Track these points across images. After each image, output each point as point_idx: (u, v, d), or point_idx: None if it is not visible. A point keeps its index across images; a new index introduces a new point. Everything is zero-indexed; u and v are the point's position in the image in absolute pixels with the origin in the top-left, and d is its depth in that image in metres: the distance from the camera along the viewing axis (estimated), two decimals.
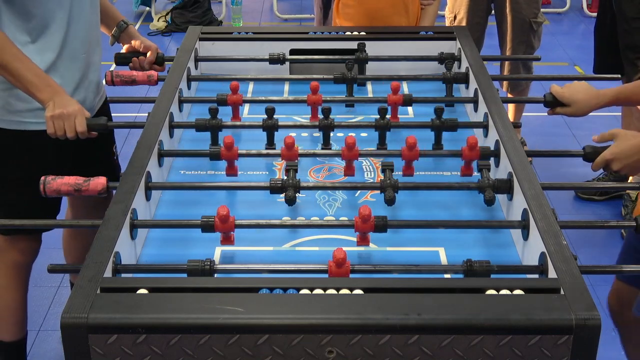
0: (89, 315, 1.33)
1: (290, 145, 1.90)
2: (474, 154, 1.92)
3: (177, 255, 1.71)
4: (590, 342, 1.33)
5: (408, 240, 1.77)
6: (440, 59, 2.56)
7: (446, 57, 2.54)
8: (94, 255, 1.50)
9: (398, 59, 2.59)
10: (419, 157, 1.92)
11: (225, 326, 1.33)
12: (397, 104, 2.23)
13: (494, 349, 1.33)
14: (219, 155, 1.91)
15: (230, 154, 1.91)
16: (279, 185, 1.79)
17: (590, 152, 1.94)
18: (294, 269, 1.59)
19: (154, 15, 6.31)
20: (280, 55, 2.53)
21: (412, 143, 1.89)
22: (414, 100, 2.25)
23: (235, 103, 2.23)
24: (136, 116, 4.25)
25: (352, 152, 1.91)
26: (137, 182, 1.75)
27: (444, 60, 2.54)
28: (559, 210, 1.77)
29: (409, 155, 1.91)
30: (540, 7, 3.90)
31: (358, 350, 1.33)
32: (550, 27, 6.14)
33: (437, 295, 1.39)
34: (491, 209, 1.89)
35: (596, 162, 1.91)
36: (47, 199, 1.88)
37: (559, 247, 1.53)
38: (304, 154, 1.98)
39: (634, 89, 2.15)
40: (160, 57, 2.52)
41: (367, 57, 2.52)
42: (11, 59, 2.06)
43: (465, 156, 1.93)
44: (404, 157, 1.92)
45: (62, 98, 2.09)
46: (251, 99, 2.38)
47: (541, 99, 2.22)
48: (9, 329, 2.44)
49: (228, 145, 1.89)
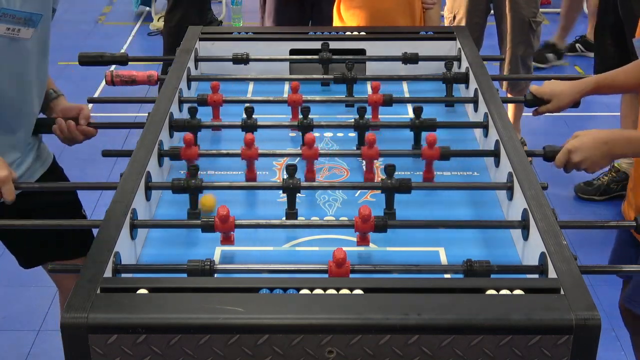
0: (89, 315, 1.33)
1: (311, 143, 1.91)
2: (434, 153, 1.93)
3: (177, 255, 1.71)
4: (590, 342, 1.33)
5: (408, 240, 1.77)
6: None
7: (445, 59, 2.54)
8: (94, 255, 1.50)
9: (398, 59, 2.60)
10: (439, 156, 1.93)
11: (225, 326, 1.33)
12: (378, 103, 2.23)
13: (494, 349, 1.33)
14: (241, 155, 1.92)
15: (250, 153, 1.91)
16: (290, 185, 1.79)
17: (550, 151, 1.95)
18: (294, 269, 1.59)
19: (154, 15, 6.31)
20: (243, 55, 2.53)
21: (431, 141, 1.91)
22: (394, 100, 2.25)
23: (216, 103, 2.23)
24: (136, 116, 4.25)
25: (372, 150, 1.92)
26: (137, 182, 1.75)
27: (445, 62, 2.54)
28: (559, 210, 1.77)
29: (429, 154, 1.92)
30: (539, 7, 3.90)
31: (358, 350, 1.33)
32: (550, 27, 6.13)
33: (437, 295, 1.39)
34: (491, 209, 1.89)
35: (558, 157, 1.91)
36: None
37: (559, 247, 1.53)
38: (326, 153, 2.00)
39: (615, 76, 2.16)
40: (121, 56, 2.47)
41: (331, 58, 2.52)
42: None
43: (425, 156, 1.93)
44: (424, 156, 1.93)
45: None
46: (232, 99, 2.34)
47: (522, 99, 2.27)
48: None
49: (249, 142, 1.90)
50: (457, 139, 2.18)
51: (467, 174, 2.07)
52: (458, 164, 2.06)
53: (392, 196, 1.79)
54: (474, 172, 2.07)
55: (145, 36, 6.13)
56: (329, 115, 2.29)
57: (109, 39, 6.01)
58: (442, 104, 2.41)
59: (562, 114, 3.99)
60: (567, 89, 2.16)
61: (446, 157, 1.95)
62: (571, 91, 2.15)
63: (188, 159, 1.94)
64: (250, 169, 1.95)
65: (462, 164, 2.08)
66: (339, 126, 2.20)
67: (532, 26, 3.84)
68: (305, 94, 2.27)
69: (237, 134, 2.12)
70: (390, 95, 2.24)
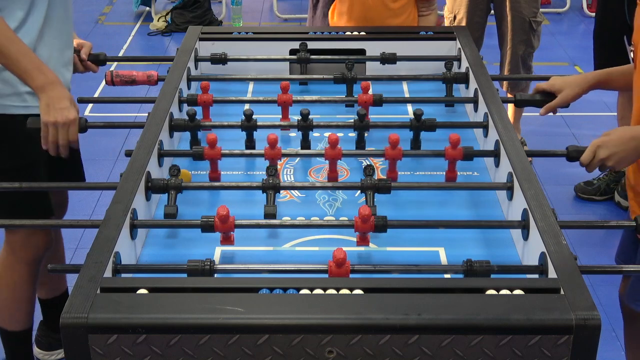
0: (89, 315, 1.33)
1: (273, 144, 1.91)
2: (456, 153, 1.92)
3: (177, 255, 1.71)
4: (590, 342, 1.33)
5: (408, 240, 1.77)
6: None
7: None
8: (94, 255, 1.50)
9: (398, 59, 2.60)
10: (402, 156, 1.93)
11: (225, 326, 1.33)
12: (368, 103, 2.23)
13: (494, 349, 1.33)
14: (265, 155, 1.94)
15: (273, 153, 1.93)
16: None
17: (573, 150, 1.94)
18: (294, 269, 1.59)
19: (154, 15, 6.31)
20: (222, 55, 2.55)
21: (394, 141, 1.90)
22: (384, 100, 2.25)
23: (206, 103, 2.23)
24: (136, 116, 4.25)
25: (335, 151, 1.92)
26: (137, 182, 1.75)
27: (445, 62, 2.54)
28: (559, 210, 1.77)
29: (392, 154, 1.92)
30: (540, 7, 3.90)
31: (358, 350, 1.33)
32: (550, 27, 6.14)
33: (437, 295, 1.39)
34: (491, 209, 1.89)
35: (585, 153, 1.90)
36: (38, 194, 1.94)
37: (559, 247, 1.53)
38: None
39: (622, 72, 2.17)
40: (94, 55, 2.51)
41: (309, 58, 2.53)
42: (6, 42, 2.04)
43: (449, 156, 1.93)
44: (387, 156, 1.93)
45: (56, 91, 2.08)
46: (222, 99, 2.34)
47: (512, 99, 2.30)
48: (21, 319, 2.52)
49: (272, 142, 1.91)
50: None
51: (467, 174, 2.07)
52: (458, 164, 2.06)
53: (372, 196, 1.79)
54: (474, 172, 2.07)
55: (145, 36, 6.12)
56: (329, 115, 2.29)
57: (109, 39, 6.01)
58: (442, 104, 2.41)
59: (562, 114, 4.00)
60: (578, 79, 2.16)
61: (469, 157, 1.95)
62: (581, 81, 2.15)
63: (211, 159, 1.93)
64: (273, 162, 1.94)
65: (462, 164, 2.07)
66: (337, 126, 2.20)
67: (533, 26, 3.84)
68: (309, 94, 2.26)
69: (236, 134, 2.12)
70: (380, 95, 2.25)
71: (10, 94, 2.20)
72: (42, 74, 2.08)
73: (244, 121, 2.09)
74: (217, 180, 1.96)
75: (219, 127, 2.17)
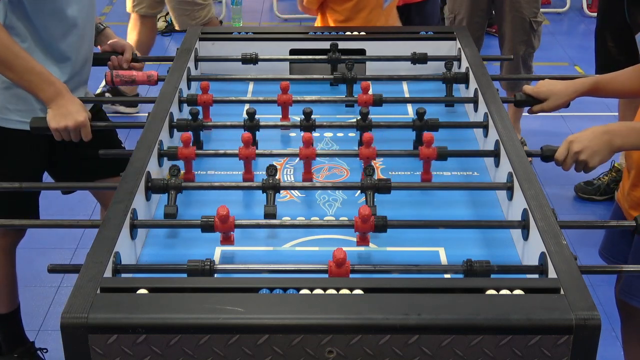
0: (88, 315, 1.33)
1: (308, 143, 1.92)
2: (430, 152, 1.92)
3: (177, 255, 1.71)
4: (590, 342, 1.33)
5: (408, 240, 1.77)
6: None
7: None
8: (94, 255, 1.50)
9: (397, 59, 2.60)
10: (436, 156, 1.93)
11: (225, 326, 1.33)
12: (368, 103, 2.23)
13: (494, 349, 1.33)
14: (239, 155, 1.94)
15: (247, 152, 1.93)
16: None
17: (548, 149, 1.96)
18: (294, 269, 1.59)
19: None
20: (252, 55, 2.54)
21: (429, 140, 1.91)
22: (384, 100, 2.25)
23: (206, 103, 2.23)
24: (136, 116, 4.25)
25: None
26: (137, 182, 1.75)
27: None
28: (559, 210, 1.77)
29: (427, 153, 1.92)
30: (540, 7, 3.90)
31: (358, 350, 1.33)
32: (550, 27, 6.13)
33: (437, 295, 1.39)
34: (491, 209, 1.89)
35: (559, 149, 1.93)
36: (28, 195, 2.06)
37: (559, 247, 1.53)
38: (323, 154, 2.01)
39: (614, 79, 2.19)
40: (134, 55, 2.56)
41: (339, 58, 2.52)
42: (12, 57, 2.07)
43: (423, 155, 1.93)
44: (422, 156, 1.93)
45: (65, 100, 2.09)
46: (222, 99, 2.34)
47: (511, 99, 2.29)
48: (6, 301, 2.61)
49: (246, 141, 1.92)
50: (457, 139, 2.18)
51: (467, 174, 2.07)
52: (458, 164, 2.06)
53: (372, 196, 1.79)
54: (474, 172, 2.07)
55: None
56: (329, 115, 2.29)
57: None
58: (442, 104, 2.41)
59: (562, 114, 4.00)
60: (563, 89, 2.18)
61: (443, 157, 1.94)
62: (567, 91, 2.18)
63: (185, 159, 1.94)
64: (248, 169, 1.94)
65: (462, 164, 2.08)
66: (340, 126, 2.21)
67: (533, 26, 3.84)
68: (309, 94, 2.26)
69: (237, 134, 2.12)
70: (380, 95, 2.25)
71: (24, 110, 2.25)
72: (51, 85, 2.10)
73: (247, 120, 2.09)
74: (191, 181, 1.95)
75: (221, 126, 2.17)
